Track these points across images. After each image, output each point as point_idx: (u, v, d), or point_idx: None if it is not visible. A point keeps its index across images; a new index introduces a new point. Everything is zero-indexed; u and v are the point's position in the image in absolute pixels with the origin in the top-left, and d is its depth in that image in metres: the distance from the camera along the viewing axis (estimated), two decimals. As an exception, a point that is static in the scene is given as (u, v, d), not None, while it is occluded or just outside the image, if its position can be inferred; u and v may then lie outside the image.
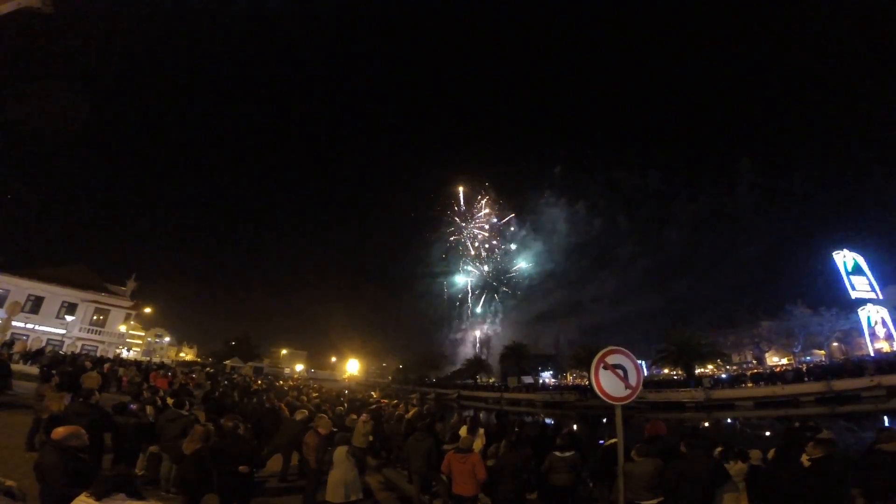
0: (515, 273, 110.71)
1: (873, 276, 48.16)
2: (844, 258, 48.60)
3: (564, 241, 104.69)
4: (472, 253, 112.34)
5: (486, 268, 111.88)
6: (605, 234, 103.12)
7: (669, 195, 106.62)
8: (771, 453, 4.92)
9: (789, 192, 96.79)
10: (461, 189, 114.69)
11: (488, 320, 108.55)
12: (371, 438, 9.91)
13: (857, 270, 48.20)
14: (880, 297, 46.85)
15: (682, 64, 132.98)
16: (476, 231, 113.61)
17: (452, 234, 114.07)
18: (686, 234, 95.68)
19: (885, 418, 24.87)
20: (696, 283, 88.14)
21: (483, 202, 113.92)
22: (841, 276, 48.24)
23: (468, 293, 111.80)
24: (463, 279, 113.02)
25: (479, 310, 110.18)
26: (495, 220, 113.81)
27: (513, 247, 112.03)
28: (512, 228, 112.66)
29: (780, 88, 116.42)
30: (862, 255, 49.01)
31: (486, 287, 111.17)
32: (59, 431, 3.96)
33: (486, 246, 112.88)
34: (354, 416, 10.08)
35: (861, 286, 47.41)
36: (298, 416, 9.06)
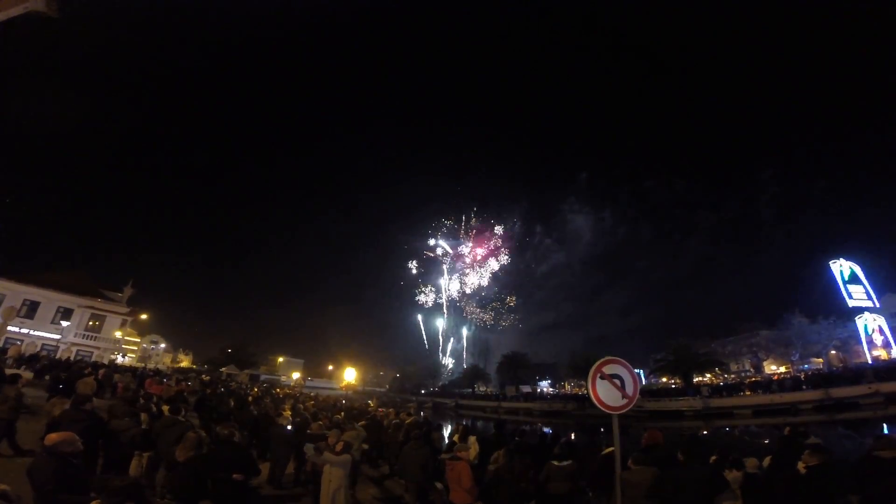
0: (526, 283, 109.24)
1: (870, 284, 48.35)
2: (841, 267, 48.83)
3: (585, 251, 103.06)
4: (479, 263, 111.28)
5: (491, 277, 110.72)
6: (627, 244, 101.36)
7: (694, 205, 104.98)
8: (766, 461, 4.92)
9: (789, 202, 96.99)
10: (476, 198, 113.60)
11: (489, 329, 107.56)
12: (366, 447, 9.88)
13: (854, 279, 48.39)
14: (877, 305, 47.00)
15: (714, 72, 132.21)
16: (489, 241, 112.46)
17: (461, 243, 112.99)
18: (705, 245, 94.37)
19: (885, 425, 24.83)
20: (706, 294, 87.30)
21: (499, 211, 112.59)
22: (838, 284, 48.43)
23: (469, 302, 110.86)
24: (464, 287, 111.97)
25: (481, 319, 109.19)
26: (516, 223, 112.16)
27: (528, 255, 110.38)
28: (537, 236, 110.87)
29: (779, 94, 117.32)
30: (858, 264, 49.24)
31: (492, 298, 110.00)
32: (52, 437, 3.95)
33: (498, 257, 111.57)
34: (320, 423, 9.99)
35: (858, 295, 47.57)
36: (283, 421, 9.15)
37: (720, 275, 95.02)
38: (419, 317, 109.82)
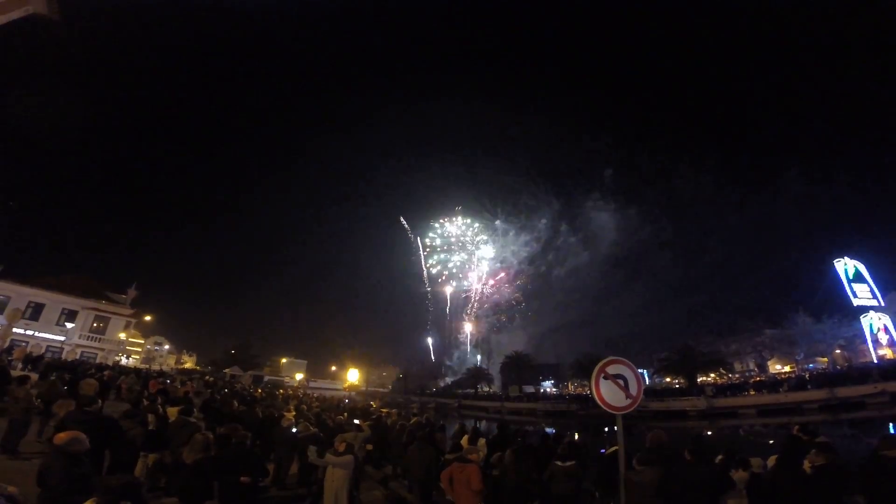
0: (543, 286, 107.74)
1: (875, 283, 48.09)
2: (846, 265, 48.59)
3: (606, 252, 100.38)
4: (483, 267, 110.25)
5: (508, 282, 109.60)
6: (649, 244, 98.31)
7: (719, 204, 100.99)
8: (771, 460, 4.90)
9: (811, 202, 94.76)
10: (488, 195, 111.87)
11: (498, 330, 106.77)
12: (370, 448, 9.90)
13: (859, 278, 48.14)
14: (882, 304, 46.71)
15: (747, 66, 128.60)
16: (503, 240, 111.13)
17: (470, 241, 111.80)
18: (725, 245, 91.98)
19: (891, 425, 24.69)
20: (720, 295, 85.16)
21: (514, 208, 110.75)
22: (842, 283, 48.18)
23: (473, 302, 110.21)
24: (468, 288, 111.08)
25: (483, 318, 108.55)
26: (542, 221, 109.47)
27: (550, 256, 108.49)
28: (561, 236, 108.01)
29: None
30: (863, 262, 48.98)
31: (502, 302, 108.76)
32: (62, 437, 3.97)
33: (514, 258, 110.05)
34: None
35: (863, 293, 47.32)
36: (285, 423, 9.19)
37: (735, 276, 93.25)
38: (428, 304, 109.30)
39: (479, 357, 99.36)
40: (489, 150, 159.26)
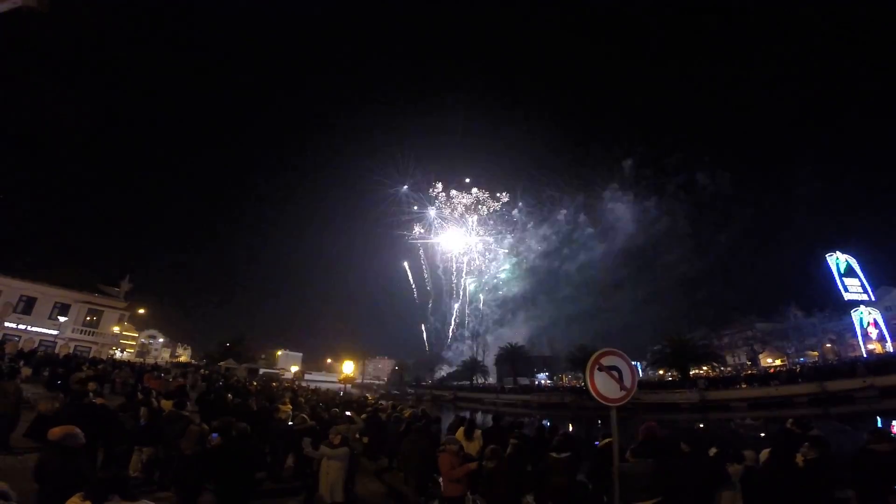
0: (552, 279, 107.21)
1: (865, 277, 48.62)
2: (837, 260, 49.04)
3: (622, 244, 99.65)
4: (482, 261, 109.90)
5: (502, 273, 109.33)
6: (661, 238, 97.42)
7: (735, 199, 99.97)
8: (764, 454, 4.95)
9: (821, 198, 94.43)
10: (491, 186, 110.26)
11: (491, 322, 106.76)
12: (366, 440, 9.94)
13: (850, 272, 48.62)
14: (872, 298, 47.28)
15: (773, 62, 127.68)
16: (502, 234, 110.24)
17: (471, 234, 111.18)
18: (734, 240, 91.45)
19: (878, 418, 25.09)
20: (724, 290, 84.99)
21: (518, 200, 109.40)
22: (834, 277, 48.66)
23: (472, 296, 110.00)
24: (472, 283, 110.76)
25: (481, 311, 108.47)
26: (563, 212, 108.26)
27: (565, 251, 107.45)
28: (578, 228, 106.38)
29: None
30: (854, 257, 49.46)
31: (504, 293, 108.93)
32: (56, 432, 3.93)
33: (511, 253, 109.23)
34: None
35: (854, 288, 47.84)
36: (282, 415, 9.21)
37: (740, 271, 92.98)
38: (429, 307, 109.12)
39: (475, 349, 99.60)
40: (509, 145, 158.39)
